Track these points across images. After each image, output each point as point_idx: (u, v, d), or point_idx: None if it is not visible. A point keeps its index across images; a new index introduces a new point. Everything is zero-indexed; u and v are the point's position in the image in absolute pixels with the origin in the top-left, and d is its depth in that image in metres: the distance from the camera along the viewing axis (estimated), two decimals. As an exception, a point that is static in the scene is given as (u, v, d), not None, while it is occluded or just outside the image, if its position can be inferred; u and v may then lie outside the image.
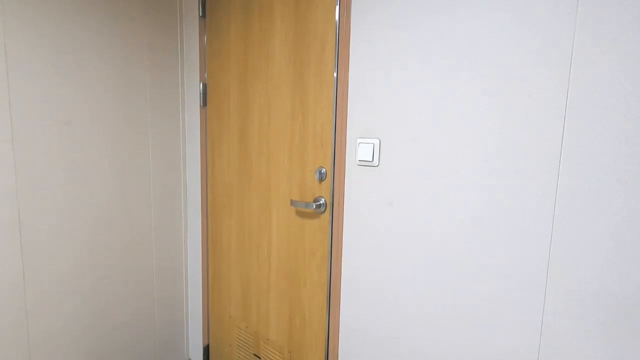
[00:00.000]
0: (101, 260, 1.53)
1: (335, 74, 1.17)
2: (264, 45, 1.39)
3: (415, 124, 0.98)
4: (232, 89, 1.54)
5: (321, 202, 1.24)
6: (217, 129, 1.62)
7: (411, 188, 1.01)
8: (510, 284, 0.85)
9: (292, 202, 1.28)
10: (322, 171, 1.24)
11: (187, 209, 1.81)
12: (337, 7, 1.15)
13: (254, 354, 1.59)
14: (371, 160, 1.08)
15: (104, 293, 1.55)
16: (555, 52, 0.76)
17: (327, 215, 1.25)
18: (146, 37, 1.58)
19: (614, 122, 0.70)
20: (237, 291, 1.63)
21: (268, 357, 1.53)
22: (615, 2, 0.69)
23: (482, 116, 0.87)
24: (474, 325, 0.92)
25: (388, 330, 1.09)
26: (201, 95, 1.66)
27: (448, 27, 0.91)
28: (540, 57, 0.78)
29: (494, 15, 0.84)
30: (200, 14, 1.62)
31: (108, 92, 1.48)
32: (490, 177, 0.87)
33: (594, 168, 0.73)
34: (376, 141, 1.07)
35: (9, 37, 1.23)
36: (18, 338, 1.33)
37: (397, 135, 1.02)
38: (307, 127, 1.28)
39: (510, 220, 0.84)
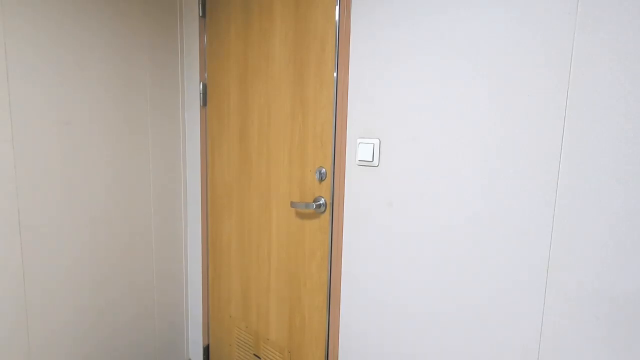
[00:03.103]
0: (101, 261, 1.53)
1: (335, 74, 1.17)
2: (264, 45, 1.39)
3: (415, 124, 0.98)
4: (232, 89, 1.54)
5: (321, 202, 1.24)
6: (217, 129, 1.62)
7: (411, 188, 1.01)
8: (510, 284, 0.85)
9: (292, 204, 1.28)
10: (322, 171, 1.24)
11: (187, 209, 1.81)
12: (337, 7, 1.15)
13: (254, 354, 1.59)
14: (371, 160, 1.08)
15: (105, 293, 1.55)
16: (555, 52, 0.76)
17: (327, 215, 1.25)
18: (146, 37, 1.58)
19: (614, 122, 0.70)
20: (237, 291, 1.63)
21: (268, 357, 1.53)
22: (615, 2, 0.69)
23: (482, 116, 0.87)
24: (473, 325, 0.92)
25: (388, 331, 1.09)
26: (201, 95, 1.66)
27: (448, 27, 0.91)
28: (540, 57, 0.78)
29: (494, 15, 0.84)
30: (200, 14, 1.62)
31: (108, 92, 1.48)
32: (490, 177, 0.87)
33: (594, 168, 0.73)
34: (376, 141, 1.07)
35: (9, 37, 1.23)
36: (18, 339, 1.33)
37: (397, 135, 1.02)
38: (307, 127, 1.28)
39: (510, 220, 0.84)
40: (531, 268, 0.82)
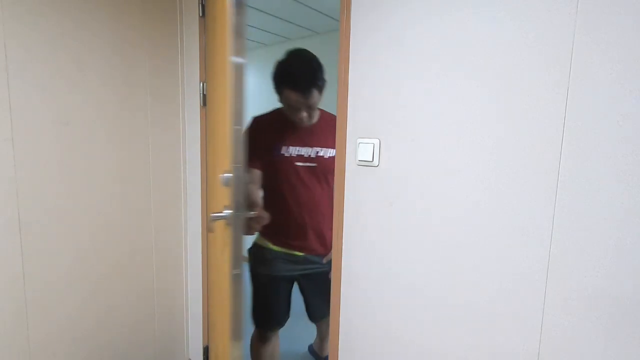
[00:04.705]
0: (102, 261, 1.53)
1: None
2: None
3: (416, 124, 0.98)
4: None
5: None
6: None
7: (411, 188, 1.01)
8: (510, 284, 0.85)
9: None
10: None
11: (187, 209, 1.81)
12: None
13: (254, 354, 1.58)
14: (371, 160, 1.08)
15: (105, 293, 1.55)
16: (555, 52, 0.76)
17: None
18: (146, 37, 1.58)
19: (614, 121, 0.70)
20: (237, 291, 1.62)
21: None
22: (615, 2, 0.69)
23: (481, 116, 0.87)
24: (473, 325, 0.92)
25: (388, 331, 1.09)
26: (201, 95, 1.66)
27: (448, 27, 0.91)
28: (540, 57, 0.78)
29: (494, 15, 0.84)
30: (200, 14, 1.62)
31: (107, 92, 1.48)
32: (490, 177, 0.86)
33: (594, 168, 0.73)
34: (376, 141, 1.07)
35: (9, 37, 1.23)
36: (18, 339, 1.33)
37: (397, 135, 1.02)
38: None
39: (510, 220, 0.84)
40: (531, 268, 0.82)
